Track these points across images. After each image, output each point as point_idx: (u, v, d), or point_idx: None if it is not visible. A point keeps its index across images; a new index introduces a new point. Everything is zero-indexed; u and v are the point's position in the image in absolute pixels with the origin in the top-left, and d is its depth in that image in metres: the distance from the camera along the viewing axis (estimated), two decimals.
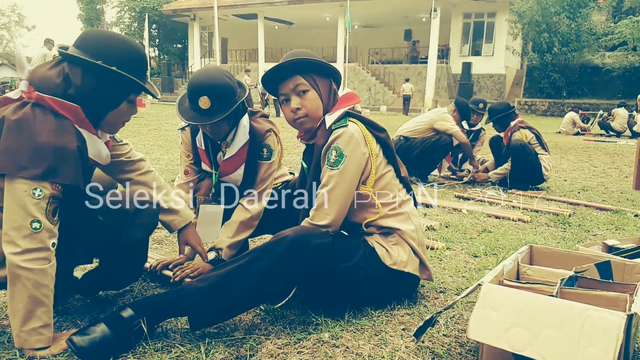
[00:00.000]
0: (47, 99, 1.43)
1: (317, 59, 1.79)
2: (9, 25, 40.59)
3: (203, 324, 1.58)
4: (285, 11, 26.76)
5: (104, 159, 1.65)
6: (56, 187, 1.41)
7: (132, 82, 1.52)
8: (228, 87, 1.98)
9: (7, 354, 1.48)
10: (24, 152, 1.36)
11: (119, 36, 1.56)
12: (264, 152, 2.18)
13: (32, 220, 1.38)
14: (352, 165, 1.73)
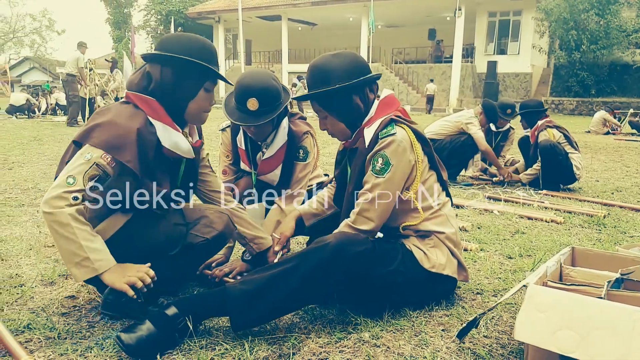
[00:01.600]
0: (129, 94, 1.68)
1: (329, 88, 1.73)
2: (40, 30, 41.68)
3: (245, 326, 1.61)
4: (309, 12, 26.82)
5: (185, 151, 1.73)
6: (105, 158, 1.55)
7: (205, 69, 1.66)
8: (275, 90, 2.03)
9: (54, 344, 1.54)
10: (95, 127, 1.58)
11: (190, 34, 1.73)
12: (300, 153, 2.22)
13: (69, 176, 1.52)
14: (398, 173, 1.72)
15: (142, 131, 1.60)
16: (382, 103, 1.84)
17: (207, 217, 1.78)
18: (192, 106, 1.71)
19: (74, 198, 1.51)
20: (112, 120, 1.58)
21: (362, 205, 1.75)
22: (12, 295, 1.98)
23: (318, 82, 1.78)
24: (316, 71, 1.80)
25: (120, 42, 32.79)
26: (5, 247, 2.59)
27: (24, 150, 6.60)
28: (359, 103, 1.81)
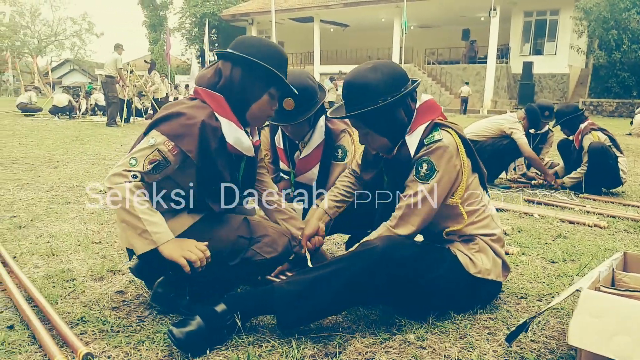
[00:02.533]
0: (198, 89, 1.74)
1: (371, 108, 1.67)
2: (80, 33, 42.99)
3: (290, 325, 1.63)
4: (341, 14, 26.83)
5: (246, 148, 1.78)
6: (167, 144, 1.61)
7: (273, 75, 1.70)
8: (311, 89, 2.04)
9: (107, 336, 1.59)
10: (164, 117, 1.66)
11: (263, 39, 1.80)
12: (339, 153, 2.23)
13: (132, 157, 1.61)
14: (442, 180, 1.69)
15: (207, 124, 1.64)
16: (422, 108, 1.79)
17: (270, 236, 1.79)
18: (255, 108, 1.75)
19: (133, 176, 1.59)
20: (179, 111, 1.65)
21: (404, 210, 1.72)
22: (64, 289, 2.06)
23: (357, 99, 1.71)
24: (354, 88, 1.73)
25: (156, 44, 33.50)
26: (55, 242, 2.69)
27: (67, 149, 6.83)
28: (402, 116, 1.75)
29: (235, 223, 1.81)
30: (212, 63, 1.82)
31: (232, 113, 1.72)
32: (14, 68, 31.11)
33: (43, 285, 2.08)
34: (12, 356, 1.51)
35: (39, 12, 41.87)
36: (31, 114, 13.93)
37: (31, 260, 2.41)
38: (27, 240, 2.71)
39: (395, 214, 1.75)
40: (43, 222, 3.10)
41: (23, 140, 7.75)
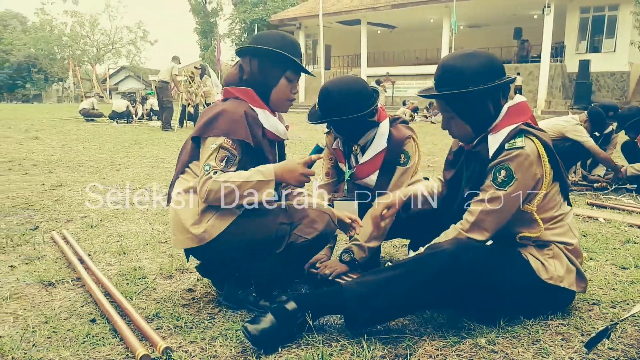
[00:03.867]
0: (229, 89, 1.88)
1: (463, 90, 1.68)
2: (135, 41, 44.76)
3: (358, 325, 1.65)
4: (388, 15, 26.64)
5: (282, 133, 1.95)
6: (227, 142, 1.74)
7: (285, 59, 1.83)
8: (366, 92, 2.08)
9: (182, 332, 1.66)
10: (209, 121, 1.77)
11: (277, 31, 1.95)
12: (402, 158, 2.22)
13: (204, 165, 1.72)
14: (520, 188, 1.65)
15: (248, 114, 1.80)
16: (512, 110, 1.76)
17: (308, 216, 1.81)
18: (275, 93, 1.88)
19: (215, 172, 1.70)
20: (222, 110, 1.78)
21: (478, 215, 1.70)
22: (137, 286, 2.15)
23: (450, 81, 1.71)
24: (447, 70, 1.74)
25: (207, 50, 34.42)
26: (125, 241, 2.82)
27: (127, 152, 7.12)
28: (490, 107, 1.74)
29: (275, 211, 1.82)
30: (236, 62, 1.96)
31: (263, 102, 1.87)
32: (75, 76, 32.73)
33: (118, 282, 2.18)
34: (97, 348, 1.60)
35: (97, 22, 43.91)
36: (92, 119, 14.62)
37: (104, 258, 2.54)
38: (99, 239, 2.86)
39: (468, 218, 1.73)
40: (112, 222, 3.25)
41: (86, 144, 8.14)
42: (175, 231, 1.81)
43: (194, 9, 36.17)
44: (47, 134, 9.82)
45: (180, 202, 1.80)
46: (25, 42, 42.86)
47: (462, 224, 1.74)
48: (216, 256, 1.84)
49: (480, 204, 1.71)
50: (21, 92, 44.65)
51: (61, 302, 1.97)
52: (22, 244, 2.73)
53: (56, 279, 2.20)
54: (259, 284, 1.89)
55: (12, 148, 7.36)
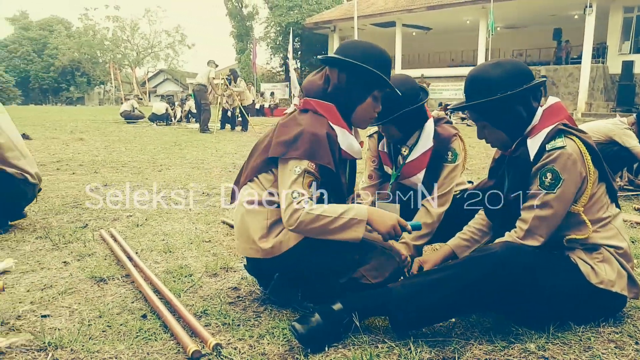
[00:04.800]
0: (310, 101, 1.80)
1: (490, 98, 1.70)
2: (173, 44, 45.79)
3: (404, 327, 1.65)
4: (424, 17, 26.40)
5: (357, 152, 1.87)
6: (311, 166, 1.70)
7: (377, 77, 1.77)
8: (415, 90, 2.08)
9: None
10: (291, 140, 1.72)
11: (367, 42, 1.85)
12: (449, 155, 2.22)
13: (292, 192, 1.67)
14: (568, 188, 1.64)
15: (330, 135, 1.74)
16: (547, 111, 1.76)
17: (379, 259, 1.82)
18: (359, 111, 1.83)
19: (305, 202, 1.67)
20: (305, 131, 1.71)
21: (531, 222, 1.68)
22: (184, 283, 2.21)
23: (477, 91, 1.75)
24: (475, 80, 1.78)
25: (242, 53, 34.88)
26: (170, 240, 2.90)
27: (168, 154, 7.30)
28: (522, 112, 1.75)
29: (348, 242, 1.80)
30: (319, 70, 1.89)
31: (343, 120, 1.81)
32: (116, 79, 33.74)
33: (165, 279, 2.24)
34: (150, 342, 1.65)
35: (138, 26, 45.14)
36: (133, 121, 15.04)
37: (151, 256, 2.61)
38: (145, 238, 2.94)
39: (522, 226, 1.71)
40: (156, 221, 3.34)
41: (128, 146, 8.38)
42: (241, 239, 1.85)
43: (230, 12, 36.71)
44: (91, 136, 10.17)
45: (249, 212, 1.82)
46: (69, 46, 44.52)
47: (516, 232, 1.73)
48: (278, 269, 1.87)
49: (531, 211, 1.69)
50: (65, 95, 46.45)
51: (112, 298, 2.05)
52: (74, 241, 2.84)
53: (107, 275, 2.28)
54: (306, 286, 1.91)
55: (59, 149, 7.65)
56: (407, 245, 2.19)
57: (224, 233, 3.09)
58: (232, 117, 12.90)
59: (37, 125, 12.79)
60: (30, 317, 1.85)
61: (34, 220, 3.27)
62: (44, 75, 47.06)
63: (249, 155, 1.95)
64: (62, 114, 20.36)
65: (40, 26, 51.00)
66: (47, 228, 3.10)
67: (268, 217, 1.81)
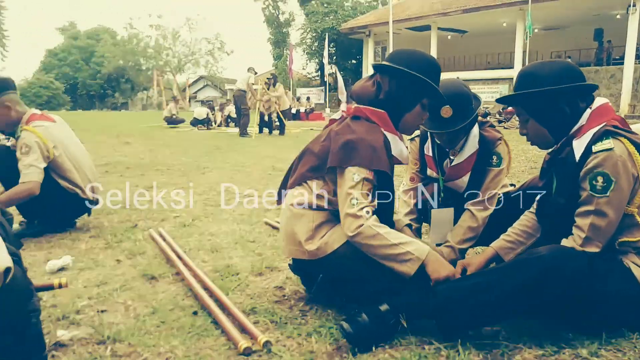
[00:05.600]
0: (362, 109, 1.81)
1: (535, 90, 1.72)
2: (213, 51, 46.85)
3: (450, 329, 1.65)
4: (460, 20, 26.07)
5: (405, 158, 1.92)
6: (369, 173, 1.72)
7: (426, 85, 1.80)
8: (467, 97, 2.06)
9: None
10: (349, 148, 1.75)
11: (418, 51, 1.88)
12: (494, 159, 2.21)
13: (350, 199, 1.70)
14: (621, 190, 1.60)
15: (385, 142, 1.79)
16: (595, 112, 1.73)
17: None
18: (407, 118, 1.87)
19: (367, 212, 1.70)
20: (362, 139, 1.74)
21: (588, 229, 1.65)
22: (232, 282, 2.27)
23: (524, 84, 1.77)
24: (524, 75, 1.80)
25: (279, 59, 35.33)
26: (216, 240, 2.98)
27: (210, 157, 7.47)
28: (566, 110, 1.73)
29: None
30: (370, 77, 1.91)
31: (394, 127, 1.84)
32: (158, 85, 34.73)
33: (213, 278, 2.31)
34: (202, 338, 1.71)
35: (179, 34, 46.43)
36: (175, 125, 15.46)
37: (199, 255, 2.69)
38: (192, 238, 3.03)
39: (579, 234, 1.67)
40: (202, 222, 3.44)
41: (172, 149, 8.63)
42: (288, 241, 1.90)
43: (267, 20, 37.29)
44: (136, 140, 10.51)
45: (295, 214, 1.86)
46: (115, 54, 46.22)
47: (574, 239, 1.69)
48: (322, 270, 1.90)
49: (587, 217, 1.66)
50: (110, 101, 48.26)
51: (164, 295, 2.12)
52: (125, 240, 2.95)
53: (158, 273, 2.37)
54: (350, 290, 1.93)
55: (107, 152, 7.95)
56: (452, 249, 2.19)
57: (267, 234, 3.15)
58: (269, 121, 13.08)
59: (85, 129, 13.31)
60: (89, 312, 1.94)
61: (88, 220, 3.41)
62: (91, 82, 49.01)
63: (298, 159, 1.99)
64: (108, 119, 21.11)
65: (88, 35, 53.19)
66: (100, 227, 3.24)
67: (314, 220, 1.84)
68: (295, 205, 1.88)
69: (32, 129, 2.93)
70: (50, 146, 2.97)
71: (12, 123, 2.98)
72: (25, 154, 2.89)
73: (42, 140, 2.94)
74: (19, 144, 2.91)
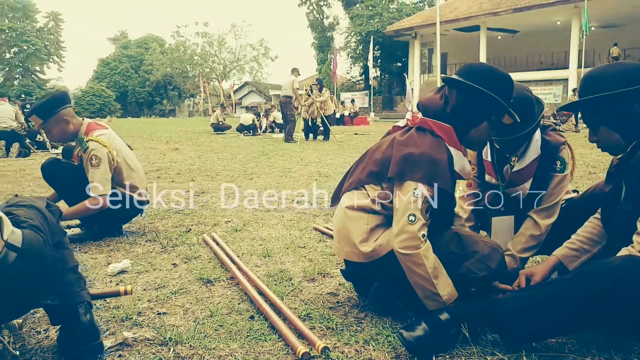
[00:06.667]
0: (428, 122, 1.78)
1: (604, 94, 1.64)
2: (257, 57, 47.67)
3: (515, 341, 1.59)
4: (510, 20, 25.45)
5: (467, 174, 1.88)
6: (429, 190, 1.69)
7: (496, 103, 1.75)
8: (530, 102, 2.00)
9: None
10: (409, 162, 1.73)
11: (490, 66, 1.84)
12: (558, 165, 2.13)
13: (408, 215, 1.68)
14: None
15: (449, 159, 1.76)
16: None
17: (481, 252, 1.80)
18: (474, 134, 1.83)
19: (422, 235, 1.69)
20: (425, 154, 1.72)
21: None
22: (285, 287, 2.28)
23: (591, 89, 1.70)
24: (589, 79, 1.73)
25: (323, 63, 35.52)
26: (268, 245, 3.01)
27: (257, 163, 7.58)
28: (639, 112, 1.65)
29: (447, 237, 1.85)
30: (439, 89, 1.89)
31: (459, 142, 1.80)
32: (204, 92, 35.64)
33: (267, 282, 2.33)
34: (260, 342, 1.72)
35: (224, 41, 47.50)
36: (222, 132, 15.80)
37: (251, 260, 2.73)
38: (244, 243, 3.08)
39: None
40: (253, 227, 3.48)
41: (219, 155, 8.81)
42: (342, 242, 1.90)
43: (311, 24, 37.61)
44: (184, 146, 10.80)
45: (350, 217, 1.86)
46: (163, 62, 47.81)
47: (633, 246, 1.60)
48: (377, 274, 1.90)
49: None
50: (158, 107, 49.96)
51: (220, 299, 2.16)
52: (180, 245, 3.03)
53: (213, 277, 2.41)
54: (406, 294, 1.91)
55: (158, 158, 8.20)
56: (513, 258, 2.12)
57: (316, 239, 3.16)
58: (314, 126, 13.14)
59: (135, 136, 13.80)
60: (149, 314, 2.00)
61: (143, 225, 3.53)
62: (140, 89, 50.88)
63: (357, 163, 1.99)
64: (156, 126, 21.81)
65: (137, 44, 55.34)
66: (155, 232, 3.34)
67: (368, 222, 1.84)
68: (351, 208, 1.88)
69: (98, 139, 3.05)
70: (114, 154, 3.09)
71: (70, 135, 3.12)
72: (96, 166, 3.00)
73: (109, 148, 3.06)
74: (88, 155, 3.02)
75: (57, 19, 53.03)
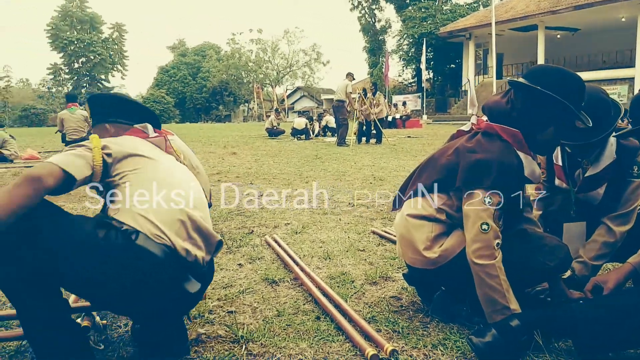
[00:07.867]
0: (494, 127, 1.75)
1: None
2: (309, 62, 48.14)
3: (590, 352, 1.55)
4: (570, 18, 24.41)
5: (537, 178, 1.84)
6: (501, 197, 1.67)
7: (564, 107, 1.70)
8: (606, 105, 1.94)
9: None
10: (478, 169, 1.69)
11: (560, 69, 1.78)
12: (635, 170, 2.05)
13: (481, 223, 1.66)
14: None
15: (519, 164, 1.73)
16: None
17: (548, 245, 1.78)
18: (542, 138, 1.78)
19: (497, 244, 1.67)
20: (495, 160, 1.69)
21: None
22: (348, 289, 2.31)
23: None
24: None
25: (375, 67, 35.40)
26: (327, 248, 3.05)
27: (311, 166, 7.66)
28: None
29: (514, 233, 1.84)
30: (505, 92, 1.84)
31: (526, 145, 1.76)
32: (258, 97, 36.34)
33: (330, 285, 2.37)
34: (328, 343, 1.76)
35: (278, 47, 48.28)
36: (276, 136, 16.07)
37: (312, 261, 2.78)
38: (305, 245, 3.13)
39: None
40: (312, 229, 3.54)
41: (275, 159, 8.97)
42: (405, 249, 1.92)
43: (363, 28, 37.54)
44: (241, 150, 11.06)
45: (414, 225, 1.87)
46: (219, 69, 49.16)
47: None
48: (443, 279, 1.90)
49: None
50: (215, 113, 51.40)
51: (286, 299, 2.22)
52: (244, 246, 3.12)
53: (277, 278, 2.48)
54: (473, 300, 1.89)
55: (217, 162, 8.45)
56: (584, 265, 2.06)
57: (376, 243, 3.17)
58: (367, 129, 13.14)
59: (195, 141, 14.25)
60: (220, 312, 2.08)
61: None
62: (198, 95, 52.54)
63: (421, 168, 1.99)
64: (213, 131, 22.43)
65: (195, 52, 57.17)
66: (220, 233, 3.45)
67: (432, 230, 1.84)
68: (413, 216, 1.88)
69: None
70: (181, 158, 3.23)
71: None
72: None
73: (177, 152, 3.20)
74: None
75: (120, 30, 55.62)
